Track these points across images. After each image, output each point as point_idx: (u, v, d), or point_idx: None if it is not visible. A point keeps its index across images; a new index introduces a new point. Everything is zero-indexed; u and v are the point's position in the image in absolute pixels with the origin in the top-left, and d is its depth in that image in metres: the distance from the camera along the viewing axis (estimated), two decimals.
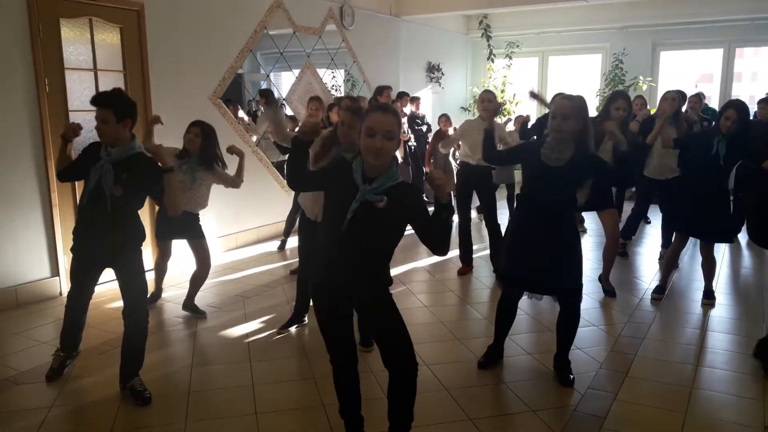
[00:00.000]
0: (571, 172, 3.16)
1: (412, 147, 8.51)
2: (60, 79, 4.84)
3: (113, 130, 3.06)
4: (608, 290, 4.97)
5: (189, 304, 4.54)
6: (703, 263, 4.76)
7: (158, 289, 4.79)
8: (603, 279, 5.03)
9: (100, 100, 3.07)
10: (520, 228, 3.36)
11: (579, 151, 3.16)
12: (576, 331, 3.47)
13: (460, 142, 5.45)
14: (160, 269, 4.75)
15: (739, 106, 4.37)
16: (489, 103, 5.03)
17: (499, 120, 8.79)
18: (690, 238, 4.91)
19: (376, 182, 2.27)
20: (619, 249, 6.08)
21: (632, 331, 4.18)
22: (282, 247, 6.55)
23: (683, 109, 6.31)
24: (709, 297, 4.74)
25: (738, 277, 5.61)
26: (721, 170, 4.48)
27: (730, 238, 4.62)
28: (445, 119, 7.97)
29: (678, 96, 5.83)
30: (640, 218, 6.30)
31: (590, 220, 7.34)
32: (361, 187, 2.27)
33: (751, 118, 7.39)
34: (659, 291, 4.88)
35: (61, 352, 3.50)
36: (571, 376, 3.43)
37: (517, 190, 3.97)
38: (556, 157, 3.17)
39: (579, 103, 3.16)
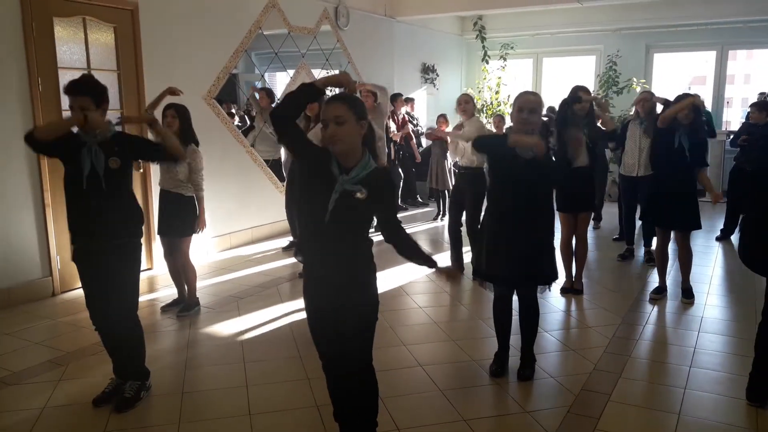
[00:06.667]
0: (543, 164, 3.22)
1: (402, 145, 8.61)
2: (53, 79, 4.81)
3: (93, 116, 2.91)
4: (576, 289, 5.02)
5: (182, 308, 4.53)
6: (680, 255, 4.82)
7: (180, 293, 4.66)
8: (575, 277, 5.08)
9: (75, 88, 2.93)
10: (498, 224, 3.38)
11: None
12: (538, 323, 3.54)
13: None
14: (171, 272, 4.62)
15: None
16: (466, 105, 5.16)
17: (482, 119, 8.86)
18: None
19: (353, 172, 2.28)
20: (624, 253, 6.13)
21: (626, 332, 4.19)
22: (289, 247, 6.46)
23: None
24: (688, 296, 4.78)
25: (732, 279, 5.62)
26: (687, 162, 4.53)
27: (699, 224, 4.67)
28: (443, 119, 7.96)
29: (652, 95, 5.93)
30: (630, 217, 6.18)
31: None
32: (339, 178, 2.28)
33: (743, 120, 7.48)
34: (658, 291, 4.89)
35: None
36: (528, 371, 3.50)
37: None
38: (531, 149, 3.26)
39: (541, 98, 3.38)
